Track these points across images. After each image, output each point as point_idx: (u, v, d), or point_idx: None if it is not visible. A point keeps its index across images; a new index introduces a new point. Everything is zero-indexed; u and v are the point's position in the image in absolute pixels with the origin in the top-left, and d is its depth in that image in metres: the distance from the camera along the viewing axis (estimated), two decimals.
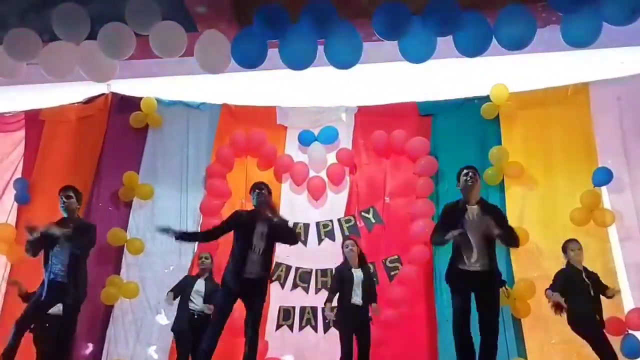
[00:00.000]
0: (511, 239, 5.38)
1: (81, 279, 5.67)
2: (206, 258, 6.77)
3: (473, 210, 5.28)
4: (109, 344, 7.13)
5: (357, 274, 6.19)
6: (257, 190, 5.73)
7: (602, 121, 7.00)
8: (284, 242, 5.87)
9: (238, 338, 7.06)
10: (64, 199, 5.78)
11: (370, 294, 6.20)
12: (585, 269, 5.96)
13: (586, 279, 5.87)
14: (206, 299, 6.54)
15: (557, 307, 5.76)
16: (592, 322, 5.76)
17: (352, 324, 6.08)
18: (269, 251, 5.65)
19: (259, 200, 5.69)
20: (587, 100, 7.07)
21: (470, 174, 5.34)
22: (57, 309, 5.71)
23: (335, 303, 6.23)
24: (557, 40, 5.31)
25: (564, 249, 6.08)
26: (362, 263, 6.33)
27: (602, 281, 6.00)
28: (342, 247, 6.43)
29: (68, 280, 5.54)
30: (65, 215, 5.82)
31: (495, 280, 5.27)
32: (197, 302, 6.54)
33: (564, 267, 6.01)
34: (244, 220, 5.67)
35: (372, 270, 6.71)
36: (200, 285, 6.64)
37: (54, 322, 5.72)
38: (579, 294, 5.81)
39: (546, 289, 5.89)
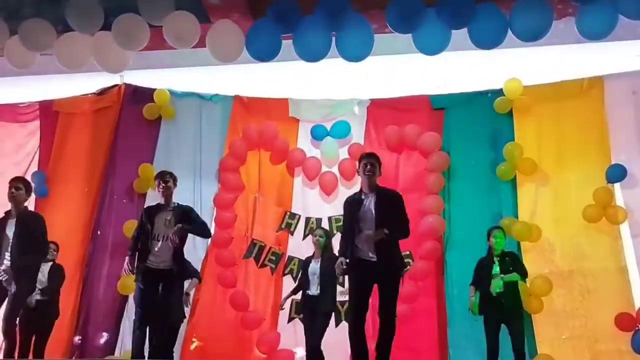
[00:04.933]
0: (399, 232, 4.97)
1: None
2: None
3: (369, 200, 4.97)
4: (123, 334, 7.16)
5: (315, 265, 6.25)
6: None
7: (616, 115, 6.94)
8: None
9: (251, 330, 7.15)
10: (13, 190, 5.58)
11: (329, 284, 6.16)
12: (502, 252, 6.00)
13: (498, 262, 5.91)
14: None
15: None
16: (501, 305, 5.84)
17: (310, 314, 6.22)
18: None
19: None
20: (601, 94, 7.01)
21: (369, 165, 4.98)
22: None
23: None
24: (572, 33, 5.29)
25: (488, 236, 6.13)
26: (325, 254, 6.26)
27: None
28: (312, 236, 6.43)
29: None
30: (12, 205, 5.60)
31: (393, 269, 4.95)
32: None
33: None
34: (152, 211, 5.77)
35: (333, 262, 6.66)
36: None
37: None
38: (487, 278, 5.91)
39: None
